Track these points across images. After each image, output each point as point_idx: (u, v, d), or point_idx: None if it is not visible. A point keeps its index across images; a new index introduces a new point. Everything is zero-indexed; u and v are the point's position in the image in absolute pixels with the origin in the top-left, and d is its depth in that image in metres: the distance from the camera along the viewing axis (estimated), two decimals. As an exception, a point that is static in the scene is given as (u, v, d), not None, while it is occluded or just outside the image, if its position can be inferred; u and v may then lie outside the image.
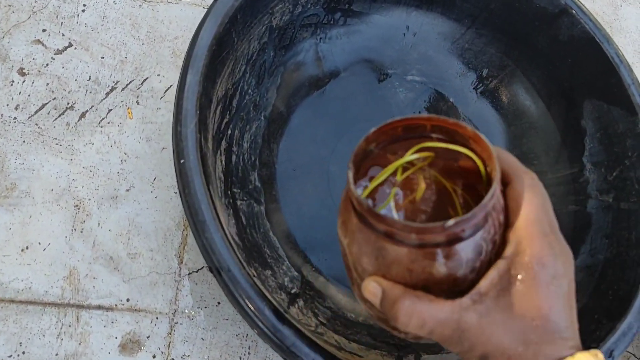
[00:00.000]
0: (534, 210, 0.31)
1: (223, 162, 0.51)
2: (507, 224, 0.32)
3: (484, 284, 0.30)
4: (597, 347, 0.45)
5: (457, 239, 0.30)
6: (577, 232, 0.57)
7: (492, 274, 0.30)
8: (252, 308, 0.39)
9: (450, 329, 0.30)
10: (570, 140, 0.60)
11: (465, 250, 0.30)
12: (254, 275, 0.46)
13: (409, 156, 0.34)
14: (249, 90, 0.54)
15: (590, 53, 0.57)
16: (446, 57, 0.64)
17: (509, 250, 0.30)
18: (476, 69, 0.64)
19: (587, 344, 0.46)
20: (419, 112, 0.62)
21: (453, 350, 0.31)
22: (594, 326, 0.47)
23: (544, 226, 0.31)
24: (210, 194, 0.42)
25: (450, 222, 0.28)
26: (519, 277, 0.30)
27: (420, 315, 0.30)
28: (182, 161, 0.41)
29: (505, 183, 0.33)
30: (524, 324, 0.29)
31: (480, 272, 0.31)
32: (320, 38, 0.59)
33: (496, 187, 0.30)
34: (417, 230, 0.29)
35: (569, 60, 0.58)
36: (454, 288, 0.31)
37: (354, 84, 0.61)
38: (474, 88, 0.64)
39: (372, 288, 0.32)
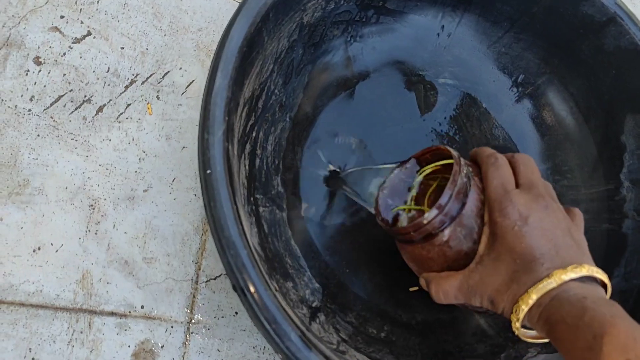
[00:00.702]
0: (492, 180, 0.40)
1: (247, 166, 0.48)
2: None
3: (480, 248, 0.40)
4: None
5: (445, 223, 0.40)
6: (610, 253, 0.54)
7: (483, 239, 0.40)
8: (278, 333, 0.37)
9: (464, 290, 0.40)
10: (608, 155, 0.57)
11: (458, 230, 0.40)
12: (276, 289, 0.44)
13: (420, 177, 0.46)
14: (276, 90, 0.51)
15: (637, 65, 0.54)
16: (481, 60, 0.61)
17: (485, 217, 0.40)
18: (512, 75, 0.61)
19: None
20: (450, 117, 0.59)
21: (474, 305, 0.40)
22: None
23: (498, 190, 0.39)
24: (236, 207, 0.39)
25: (426, 215, 0.40)
26: (496, 232, 0.38)
27: (444, 289, 0.41)
28: (208, 172, 0.38)
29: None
30: (508, 266, 0.37)
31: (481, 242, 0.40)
32: (352, 36, 0.56)
33: (453, 178, 0.40)
34: (413, 228, 0.41)
35: (612, 72, 0.55)
36: (469, 261, 0.40)
37: (384, 85, 0.58)
38: (508, 94, 0.61)
39: (421, 282, 0.44)
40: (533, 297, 0.36)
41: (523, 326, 0.38)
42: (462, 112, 0.60)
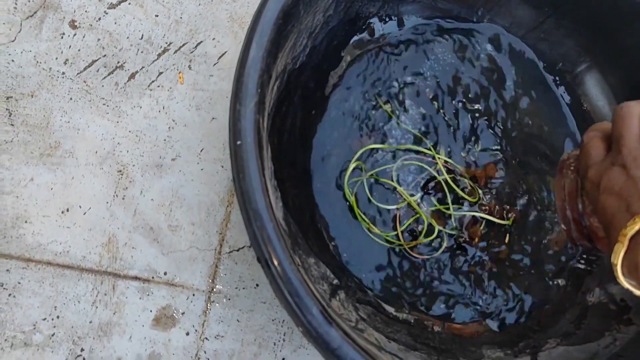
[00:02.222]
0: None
1: (275, 141, 0.48)
2: None
3: None
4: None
5: (580, 223, 0.39)
6: None
7: None
8: (300, 305, 0.37)
9: None
10: (644, 149, 0.55)
11: (593, 220, 0.38)
12: (299, 265, 0.44)
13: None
14: (307, 66, 0.51)
15: (681, 58, 0.52)
16: (518, 45, 0.59)
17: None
18: (550, 62, 0.59)
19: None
20: (483, 101, 0.58)
21: None
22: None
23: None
24: (265, 179, 0.39)
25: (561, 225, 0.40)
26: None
27: None
28: (238, 143, 0.38)
29: None
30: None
31: None
32: (387, 14, 0.55)
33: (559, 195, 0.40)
34: (570, 238, 0.41)
35: (655, 63, 0.54)
36: None
37: (420, 65, 0.57)
38: (544, 81, 0.59)
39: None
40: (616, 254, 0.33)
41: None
42: (498, 97, 0.58)
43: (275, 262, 0.37)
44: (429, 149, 0.53)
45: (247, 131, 0.39)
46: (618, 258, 0.33)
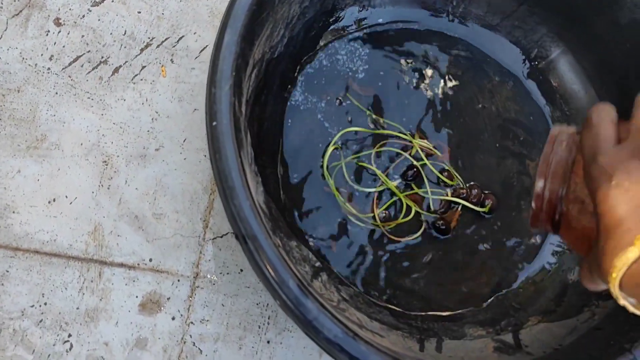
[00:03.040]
0: (583, 144, 0.34)
1: (255, 127, 0.49)
2: None
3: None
4: (630, 348, 0.43)
5: (556, 207, 0.36)
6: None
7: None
8: (276, 279, 0.38)
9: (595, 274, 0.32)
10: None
11: (570, 208, 0.36)
12: (279, 246, 0.45)
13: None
14: (285, 56, 0.52)
15: (651, 39, 0.53)
16: (494, 33, 0.61)
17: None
18: (525, 48, 0.60)
19: (620, 344, 0.44)
20: (461, 89, 0.59)
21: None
22: (628, 327, 0.45)
23: (588, 152, 0.33)
24: (241, 159, 0.40)
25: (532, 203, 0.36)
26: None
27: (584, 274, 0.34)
28: (214, 124, 0.40)
29: None
30: (599, 234, 0.31)
31: None
32: (364, 5, 0.57)
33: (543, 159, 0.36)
34: (532, 220, 0.37)
35: (627, 46, 0.55)
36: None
37: (396, 53, 0.58)
38: (520, 68, 0.61)
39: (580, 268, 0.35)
40: (617, 268, 0.29)
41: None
42: (475, 85, 0.60)
43: (252, 237, 0.38)
44: (405, 134, 0.54)
45: (223, 113, 0.40)
46: (622, 265, 0.29)
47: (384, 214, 0.53)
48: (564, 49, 0.59)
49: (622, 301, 0.31)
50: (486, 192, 0.55)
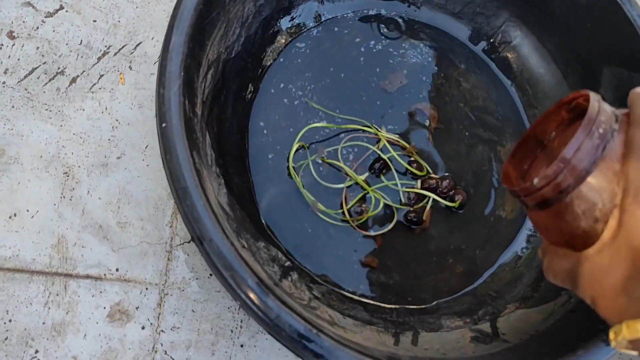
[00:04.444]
0: None
1: (215, 128, 0.48)
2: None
3: (605, 234, 0.29)
4: (604, 329, 0.42)
5: (562, 192, 0.31)
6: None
7: (611, 223, 0.29)
8: (235, 279, 0.37)
9: (572, 278, 0.32)
10: (587, 110, 0.56)
11: (576, 203, 0.31)
12: (244, 247, 0.44)
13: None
14: (244, 55, 0.52)
15: (611, 16, 0.53)
16: (456, 21, 0.61)
17: (618, 197, 0.29)
18: (488, 35, 0.60)
19: (595, 325, 0.43)
20: (427, 78, 0.58)
21: (580, 295, 0.32)
22: None
23: None
24: (194, 160, 0.40)
25: (536, 181, 0.31)
26: (625, 221, 0.28)
27: (554, 268, 0.34)
28: (164, 125, 0.39)
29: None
30: (625, 268, 0.28)
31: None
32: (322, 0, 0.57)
33: (580, 135, 0.30)
34: (522, 192, 0.33)
35: (587, 25, 0.55)
36: (589, 241, 0.31)
37: (358, 49, 0.58)
38: (485, 54, 0.60)
39: (539, 251, 0.37)
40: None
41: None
42: (441, 73, 0.59)
43: (207, 238, 0.37)
44: (370, 126, 0.54)
45: (172, 113, 0.39)
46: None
47: (360, 208, 0.52)
48: (527, 33, 0.59)
49: (618, 346, 0.29)
50: (457, 187, 0.54)
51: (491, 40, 0.60)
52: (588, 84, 0.56)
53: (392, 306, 0.51)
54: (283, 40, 0.55)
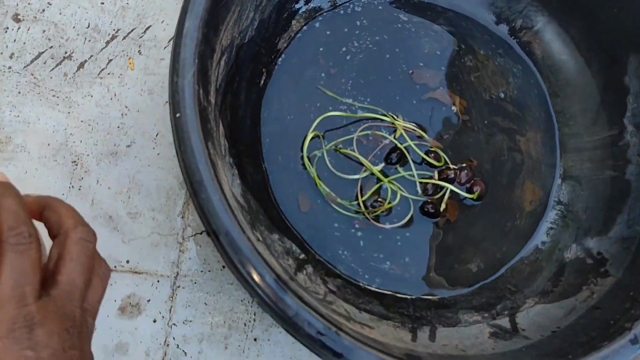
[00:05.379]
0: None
1: (228, 117, 0.47)
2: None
3: None
4: (630, 327, 0.41)
5: None
6: (614, 200, 0.52)
7: None
8: (252, 275, 0.36)
9: None
10: (611, 99, 0.54)
11: None
12: (259, 240, 0.43)
13: None
14: (257, 40, 0.50)
15: (638, 2, 0.51)
16: (476, 6, 0.58)
17: None
18: (509, 20, 0.58)
19: (620, 323, 0.42)
20: (445, 65, 0.56)
21: None
22: (629, 304, 0.43)
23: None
24: (209, 151, 0.38)
25: None
26: None
27: None
28: (178, 115, 0.37)
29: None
30: None
31: None
32: (338, -17, 0.54)
33: None
34: None
35: (613, 10, 0.52)
36: None
37: (376, 33, 0.56)
38: (506, 40, 0.58)
39: None
40: None
41: None
42: (458, 60, 0.57)
43: (224, 233, 0.36)
44: (386, 115, 0.52)
45: (187, 102, 0.38)
46: None
47: (375, 201, 0.50)
48: (549, 18, 0.56)
49: None
50: (476, 178, 0.53)
51: (512, 25, 0.58)
52: (612, 72, 0.54)
53: (409, 296, 0.50)
54: (298, 25, 0.53)
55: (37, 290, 0.26)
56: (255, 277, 0.36)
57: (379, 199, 0.51)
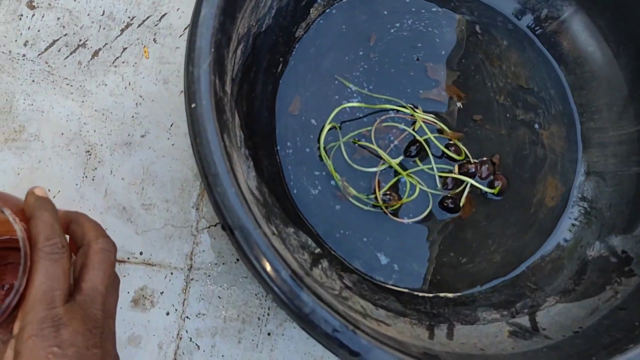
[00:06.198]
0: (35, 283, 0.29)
1: (244, 108, 0.46)
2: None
3: None
4: None
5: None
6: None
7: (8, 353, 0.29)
8: (267, 271, 0.35)
9: None
10: (639, 93, 0.52)
11: None
12: (274, 233, 0.42)
13: None
14: (275, 29, 0.49)
15: (673, -9, 0.49)
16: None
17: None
18: (534, 9, 0.56)
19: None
20: (467, 55, 0.55)
21: None
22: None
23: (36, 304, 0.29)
24: (225, 143, 0.37)
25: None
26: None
27: None
28: (193, 105, 0.36)
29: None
30: None
31: None
32: (358, -30, 0.53)
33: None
34: None
35: (645, -1, 0.50)
36: None
37: (396, 22, 0.54)
38: (530, 30, 0.56)
39: None
40: None
41: None
42: (481, 50, 0.55)
43: (239, 227, 0.35)
44: (405, 107, 0.51)
45: (202, 93, 0.37)
46: None
47: (388, 196, 0.49)
48: (577, 8, 0.54)
49: None
50: (497, 172, 0.51)
51: (537, 15, 0.56)
52: (642, 65, 0.52)
53: (426, 294, 0.49)
54: (316, 12, 0.52)
55: (65, 295, 0.29)
56: (271, 273, 0.35)
57: (392, 194, 0.49)
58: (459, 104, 0.53)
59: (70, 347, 0.29)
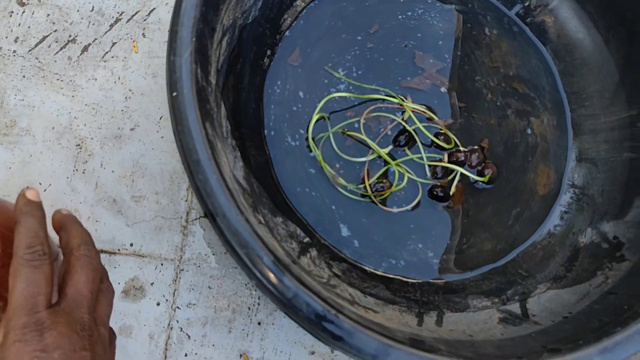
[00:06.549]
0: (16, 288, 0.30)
1: (231, 99, 0.46)
2: None
3: None
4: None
5: None
6: (632, 183, 0.50)
7: None
8: (250, 257, 0.35)
9: None
10: (630, 79, 0.52)
11: None
12: (261, 222, 0.42)
13: None
14: (262, 20, 0.49)
15: (661, -26, 0.48)
16: (488, -15, 0.56)
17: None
18: (522, -3, 0.56)
19: (635, 309, 0.40)
20: (456, 44, 0.55)
21: None
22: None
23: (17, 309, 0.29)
24: (207, 131, 0.37)
25: None
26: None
27: None
28: (174, 94, 0.37)
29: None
30: None
31: None
32: (344, -39, 0.53)
33: None
34: None
35: (634, -17, 0.50)
36: None
37: (384, 12, 0.54)
38: (520, 19, 0.56)
39: None
40: None
41: None
42: (470, 40, 0.55)
43: (220, 214, 0.35)
44: (394, 96, 0.51)
45: (184, 82, 0.37)
46: None
47: (380, 184, 0.49)
48: (566, -6, 0.54)
49: None
50: (487, 160, 0.51)
51: (526, 4, 0.56)
52: (633, 51, 0.51)
53: (416, 281, 0.48)
54: (303, 4, 0.52)
55: (48, 300, 0.30)
56: (253, 258, 0.35)
57: (383, 181, 0.49)
58: (444, 91, 0.53)
59: (56, 349, 0.29)
